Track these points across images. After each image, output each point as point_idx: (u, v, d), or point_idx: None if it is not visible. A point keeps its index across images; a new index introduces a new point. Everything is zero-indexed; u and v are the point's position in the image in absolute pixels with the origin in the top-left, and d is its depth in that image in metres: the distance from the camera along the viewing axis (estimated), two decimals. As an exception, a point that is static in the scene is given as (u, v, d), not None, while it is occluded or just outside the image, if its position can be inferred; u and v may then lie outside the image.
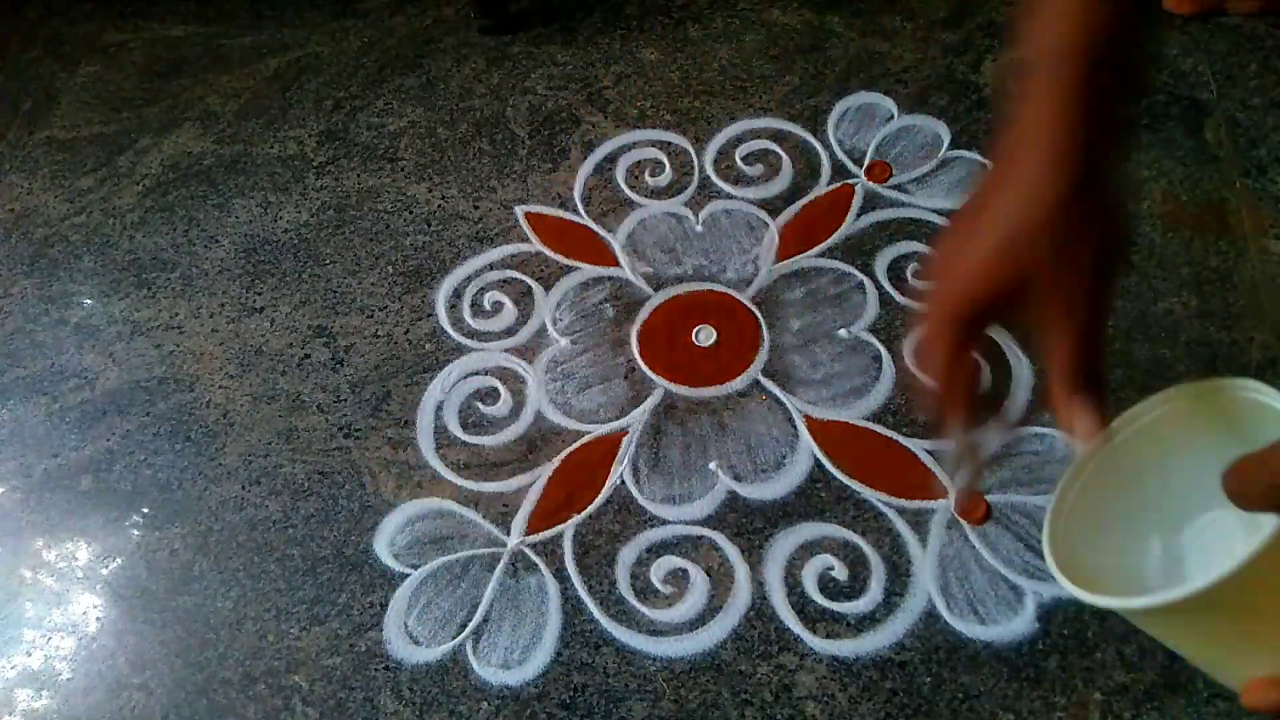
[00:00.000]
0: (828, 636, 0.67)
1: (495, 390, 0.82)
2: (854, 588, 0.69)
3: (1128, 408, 0.74)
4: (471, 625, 0.70)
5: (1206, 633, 0.43)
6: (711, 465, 0.76)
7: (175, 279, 0.93)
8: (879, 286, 0.84)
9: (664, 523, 0.73)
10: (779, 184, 0.92)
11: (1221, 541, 0.39)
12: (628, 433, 0.78)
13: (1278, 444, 0.36)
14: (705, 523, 0.73)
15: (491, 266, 0.89)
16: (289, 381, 0.84)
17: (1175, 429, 0.51)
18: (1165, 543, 0.54)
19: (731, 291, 0.85)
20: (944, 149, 0.92)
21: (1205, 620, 0.42)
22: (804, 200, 0.90)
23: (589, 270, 0.88)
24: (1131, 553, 0.55)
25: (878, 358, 0.80)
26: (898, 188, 0.90)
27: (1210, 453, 0.39)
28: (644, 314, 0.85)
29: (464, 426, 0.80)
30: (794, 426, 0.77)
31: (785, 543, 0.72)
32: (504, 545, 0.73)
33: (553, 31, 1.09)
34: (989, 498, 0.72)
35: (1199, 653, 0.46)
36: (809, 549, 0.71)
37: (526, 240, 0.91)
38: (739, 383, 0.80)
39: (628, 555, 0.72)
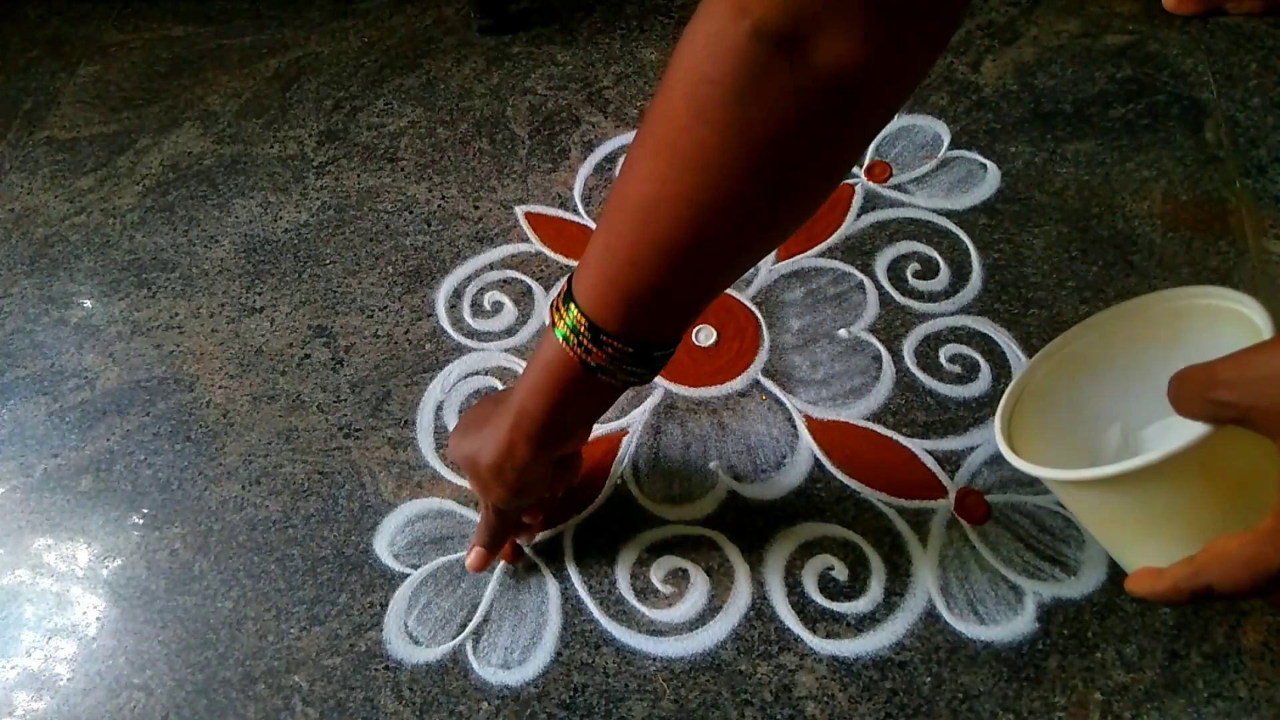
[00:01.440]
0: (828, 636, 0.67)
1: (495, 391, 0.82)
2: (854, 588, 0.69)
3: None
4: (471, 625, 0.70)
5: (1111, 516, 0.46)
6: (711, 465, 0.76)
7: (175, 279, 0.93)
8: (879, 286, 0.84)
9: (664, 523, 0.73)
10: (779, 184, 0.92)
11: (1179, 441, 0.40)
12: (628, 433, 0.78)
13: (1218, 360, 0.39)
14: (705, 523, 0.73)
15: (491, 266, 0.89)
16: (289, 381, 0.84)
17: (1162, 328, 0.52)
18: (1127, 434, 0.55)
19: (731, 291, 0.85)
20: (944, 149, 0.92)
21: (1112, 504, 0.45)
22: (804, 200, 0.90)
23: (589, 270, 0.88)
24: (1090, 436, 0.56)
25: (878, 358, 0.80)
26: (898, 188, 0.90)
27: (1191, 355, 0.41)
28: (644, 314, 0.85)
29: (464, 426, 0.80)
30: (794, 426, 0.77)
31: (785, 542, 0.72)
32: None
33: (553, 31, 1.09)
34: (989, 498, 0.72)
35: (1104, 533, 0.48)
36: (809, 549, 0.71)
37: (526, 240, 0.91)
38: (739, 383, 0.80)
39: (628, 555, 0.72)
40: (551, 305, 0.52)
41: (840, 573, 0.70)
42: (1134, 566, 0.47)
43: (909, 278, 0.84)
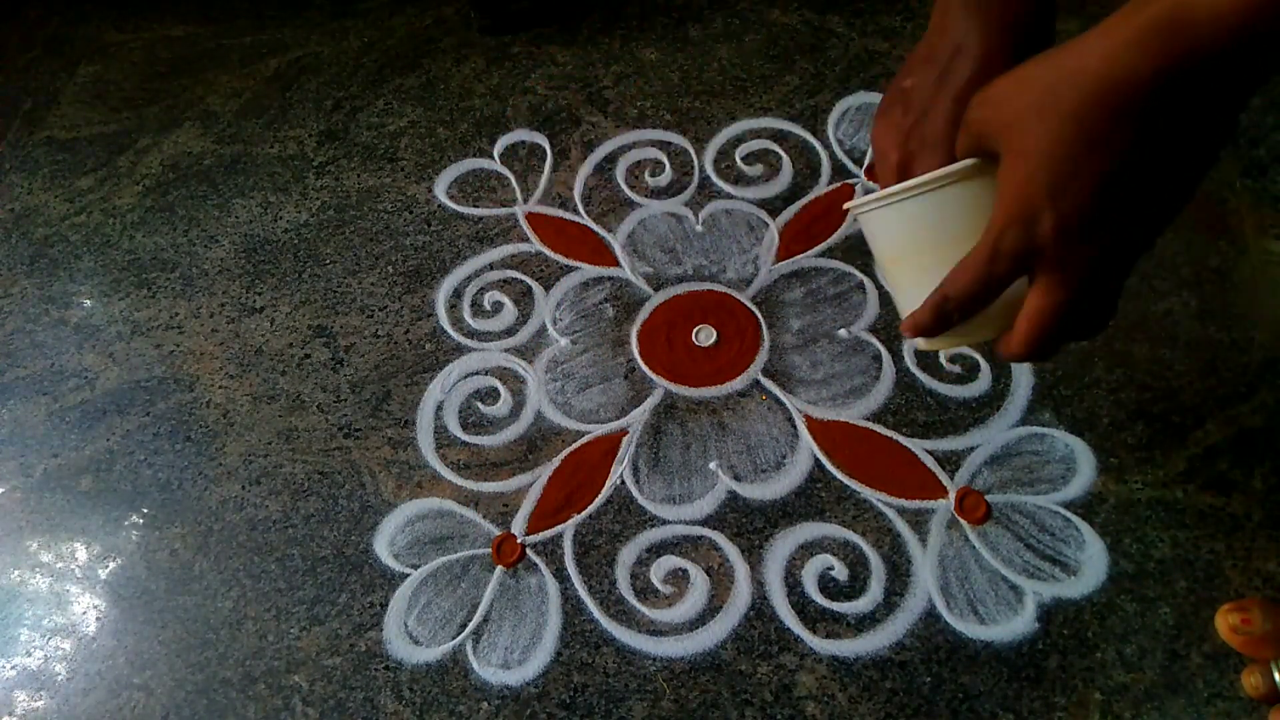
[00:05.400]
0: (828, 636, 0.67)
1: (495, 390, 0.82)
2: (854, 588, 0.69)
3: (1128, 409, 0.76)
4: (471, 625, 0.70)
5: (900, 249, 0.49)
6: (711, 465, 0.76)
7: (175, 279, 0.93)
8: (879, 286, 0.84)
9: (664, 523, 0.73)
10: (779, 184, 0.92)
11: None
12: (628, 433, 0.78)
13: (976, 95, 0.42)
14: (705, 523, 0.73)
15: (491, 266, 0.89)
16: (289, 381, 0.84)
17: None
18: None
19: (731, 291, 0.85)
20: (944, 149, 0.92)
21: (899, 233, 0.48)
22: (804, 200, 0.90)
23: (589, 270, 0.88)
24: None
25: (878, 358, 0.80)
26: (898, 188, 0.90)
27: None
28: (644, 314, 0.85)
29: (464, 426, 0.80)
30: (794, 426, 0.77)
31: (785, 543, 0.72)
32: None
33: (553, 31, 1.09)
34: (989, 498, 0.72)
35: (893, 272, 0.51)
36: (809, 549, 0.71)
37: (526, 240, 0.91)
38: (739, 383, 0.80)
39: (628, 555, 0.72)
40: None
41: (840, 573, 0.70)
42: (908, 311, 0.51)
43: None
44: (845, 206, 0.54)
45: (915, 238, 0.47)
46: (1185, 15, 0.35)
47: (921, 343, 0.51)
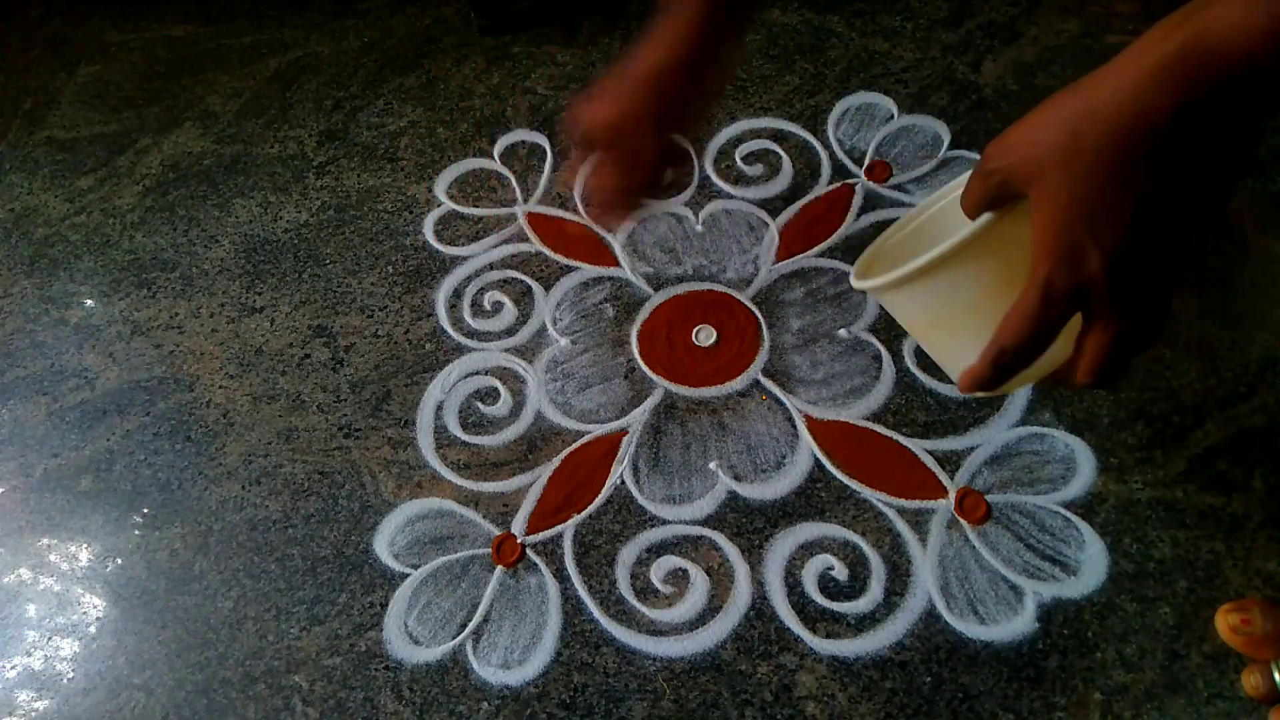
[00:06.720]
0: (828, 636, 0.67)
1: (495, 390, 0.82)
2: (854, 588, 0.69)
3: (1128, 409, 0.77)
4: (471, 625, 0.70)
5: (932, 317, 0.49)
6: (711, 465, 0.76)
7: (175, 279, 0.93)
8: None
9: (664, 523, 0.73)
10: (779, 184, 0.92)
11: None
12: (628, 433, 0.78)
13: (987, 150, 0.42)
14: (705, 523, 0.73)
15: (491, 266, 0.89)
16: (289, 381, 0.84)
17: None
18: None
19: (731, 291, 0.85)
20: (944, 149, 0.92)
21: (929, 303, 0.48)
22: (804, 200, 0.90)
23: (589, 270, 0.88)
24: None
25: (878, 358, 0.80)
26: (898, 188, 0.90)
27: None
28: (644, 314, 0.85)
29: (464, 426, 0.80)
30: (794, 426, 0.77)
31: (785, 543, 0.72)
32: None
33: (553, 31, 1.09)
34: (989, 498, 0.72)
35: (931, 339, 0.51)
36: (809, 549, 0.71)
37: (526, 240, 0.91)
38: (739, 383, 0.80)
39: (628, 555, 0.72)
40: None
41: (840, 573, 0.70)
42: (959, 369, 0.50)
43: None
44: (859, 286, 0.51)
45: (952, 303, 0.46)
46: (1200, 49, 0.36)
47: (981, 394, 0.50)
